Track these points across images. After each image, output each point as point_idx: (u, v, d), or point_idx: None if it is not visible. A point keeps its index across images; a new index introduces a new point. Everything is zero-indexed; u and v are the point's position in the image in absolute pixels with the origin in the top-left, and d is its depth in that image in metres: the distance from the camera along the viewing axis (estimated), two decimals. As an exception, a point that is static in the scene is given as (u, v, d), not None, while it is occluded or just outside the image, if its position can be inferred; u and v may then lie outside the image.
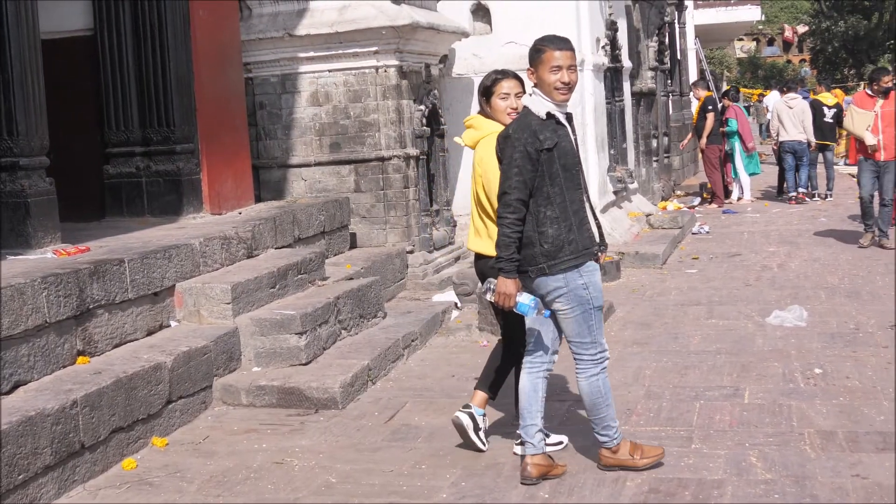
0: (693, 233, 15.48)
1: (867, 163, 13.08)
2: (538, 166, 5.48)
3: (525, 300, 5.53)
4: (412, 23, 10.81)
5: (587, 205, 5.77)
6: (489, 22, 13.19)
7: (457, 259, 12.13)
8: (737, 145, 19.29)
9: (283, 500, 5.68)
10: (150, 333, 7.56)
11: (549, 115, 5.55)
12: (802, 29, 76.12)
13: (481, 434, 6.26)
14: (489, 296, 5.66)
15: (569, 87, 5.60)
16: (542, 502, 5.45)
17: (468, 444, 6.26)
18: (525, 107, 5.68)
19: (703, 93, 19.63)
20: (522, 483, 5.70)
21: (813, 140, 18.73)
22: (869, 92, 13.56)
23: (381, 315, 9.27)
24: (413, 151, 11.25)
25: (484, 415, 6.35)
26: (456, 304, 10.20)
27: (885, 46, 65.20)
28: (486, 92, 6.25)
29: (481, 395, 6.43)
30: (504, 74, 6.26)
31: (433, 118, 11.91)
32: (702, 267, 12.55)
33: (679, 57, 25.23)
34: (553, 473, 5.74)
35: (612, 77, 15.12)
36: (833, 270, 11.82)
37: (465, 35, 12.62)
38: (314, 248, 9.68)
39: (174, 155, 9.74)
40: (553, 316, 5.74)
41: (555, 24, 12.73)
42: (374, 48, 10.96)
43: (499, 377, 6.49)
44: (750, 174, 19.82)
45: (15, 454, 5.45)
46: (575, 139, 5.72)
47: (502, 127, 6.01)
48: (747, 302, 10.30)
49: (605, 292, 6.39)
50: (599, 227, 5.94)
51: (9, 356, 6.12)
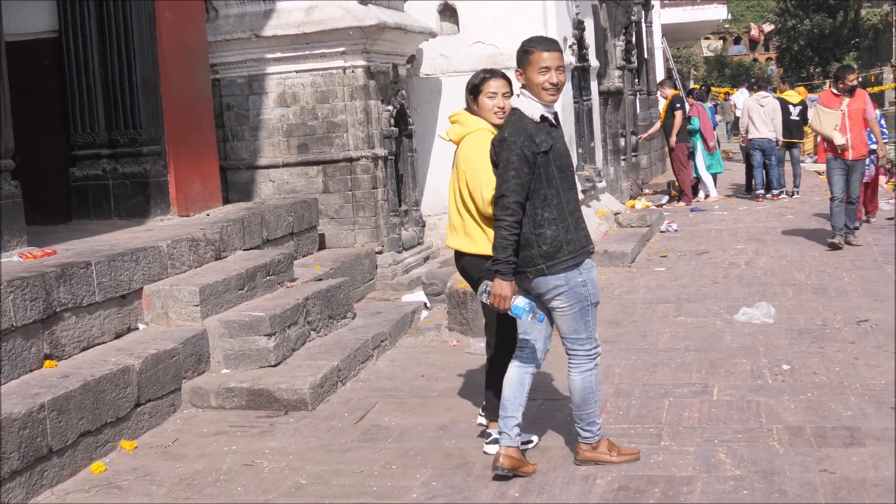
0: (661, 231, 15.53)
1: (836, 162, 12.92)
2: (535, 169, 5.52)
3: (520, 303, 5.55)
4: (379, 23, 10.80)
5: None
6: (456, 22, 13.18)
7: (426, 259, 12.13)
8: (699, 144, 19.36)
9: (254, 502, 5.67)
10: (118, 336, 7.52)
11: (543, 118, 5.61)
12: (768, 27, 76.52)
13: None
14: (485, 298, 5.66)
15: (557, 88, 5.66)
16: (513, 501, 5.46)
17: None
18: (516, 109, 5.72)
19: (671, 91, 19.69)
20: (494, 472, 5.72)
21: (781, 138, 18.83)
22: (834, 91, 13.41)
23: (351, 316, 9.26)
24: (381, 152, 11.24)
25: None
26: (425, 304, 10.21)
27: (851, 44, 65.78)
28: (474, 90, 6.23)
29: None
30: (492, 74, 6.25)
31: (401, 118, 11.90)
32: (670, 265, 12.59)
33: (646, 56, 25.30)
34: (523, 470, 5.75)
35: (580, 76, 15.16)
36: (800, 267, 11.88)
37: (433, 35, 12.61)
38: (283, 250, 9.66)
39: (141, 157, 9.69)
40: (548, 316, 5.79)
41: (522, 24, 12.79)
42: (342, 49, 10.95)
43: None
44: (713, 173, 19.90)
45: (-18, 459, 5.42)
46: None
47: (487, 124, 6.09)
48: (715, 299, 10.34)
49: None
50: None
51: (-25, 360, 6.08)
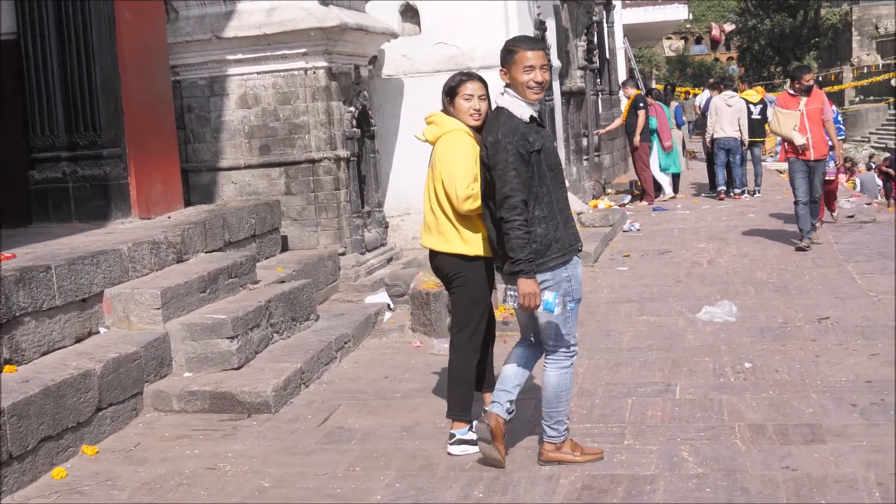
0: (624, 230, 15.59)
1: (798, 163, 12.80)
2: (530, 167, 5.57)
3: (549, 297, 5.58)
4: (340, 24, 10.77)
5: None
6: (418, 23, 13.18)
7: (389, 260, 12.12)
8: (655, 144, 19.44)
9: (216, 506, 5.65)
10: (79, 340, 7.47)
11: (532, 119, 5.68)
12: (729, 27, 77.07)
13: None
14: (511, 302, 5.65)
15: (542, 87, 5.72)
16: (477, 501, 5.46)
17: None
18: (503, 108, 5.75)
19: (633, 91, 19.76)
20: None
21: (746, 138, 18.93)
22: (791, 91, 13.29)
23: (314, 318, 9.24)
24: (343, 153, 11.22)
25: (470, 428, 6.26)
26: (389, 306, 10.20)
27: (811, 44, 66.31)
28: (451, 92, 6.32)
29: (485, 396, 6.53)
30: (469, 76, 6.34)
31: (363, 119, 11.88)
32: (633, 264, 12.64)
33: (608, 56, 25.41)
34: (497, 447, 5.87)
35: (542, 77, 15.17)
36: (762, 266, 11.95)
37: (394, 36, 12.60)
38: (245, 252, 9.62)
39: (101, 159, 9.63)
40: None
41: (484, 25, 12.82)
42: (303, 50, 10.91)
43: (479, 373, 6.51)
44: (672, 173, 19.97)
45: (-60, 466, 5.36)
46: None
47: (463, 125, 6.19)
48: (678, 298, 10.39)
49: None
50: None
51: (-67, 366, 6.03)
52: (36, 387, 6.25)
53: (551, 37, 15.80)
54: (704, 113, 21.43)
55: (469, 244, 6.18)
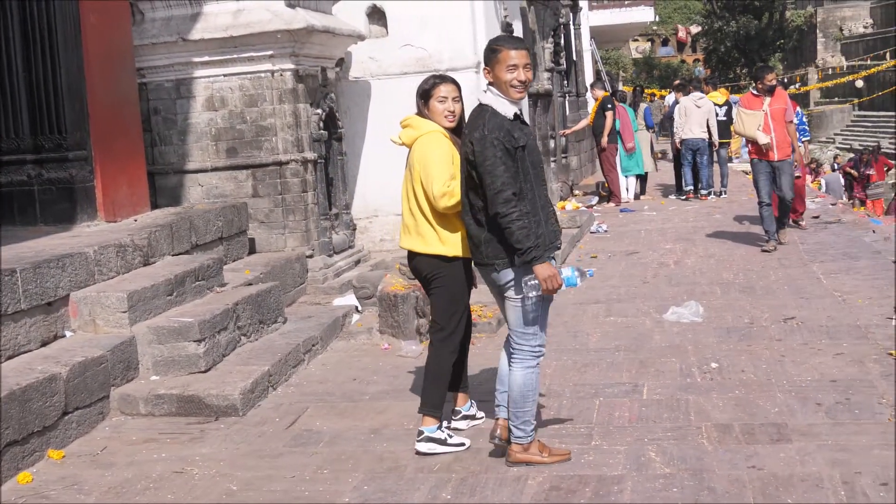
0: (591, 232, 15.63)
1: (761, 164, 12.83)
2: (515, 163, 5.63)
3: (568, 273, 5.70)
4: (307, 26, 10.76)
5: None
6: (385, 25, 13.17)
7: (357, 263, 12.11)
8: (618, 146, 19.50)
9: (184, 510, 5.63)
10: (45, 344, 7.43)
11: (516, 116, 5.75)
12: (695, 29, 77.36)
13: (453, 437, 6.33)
14: (535, 292, 5.66)
15: (525, 85, 5.80)
16: (445, 503, 5.47)
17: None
18: (487, 106, 5.79)
19: (601, 93, 19.81)
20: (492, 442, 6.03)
21: (717, 139, 19.02)
22: (754, 91, 13.31)
23: (282, 320, 9.22)
24: (311, 155, 11.20)
25: (439, 426, 6.29)
26: (357, 308, 10.19)
27: (776, 45, 66.70)
28: (425, 95, 6.41)
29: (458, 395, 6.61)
30: (443, 79, 6.45)
31: (330, 122, 11.87)
32: (600, 265, 12.66)
33: (575, 58, 25.47)
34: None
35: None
36: (728, 266, 12.01)
37: (361, 38, 12.59)
38: (212, 255, 9.59)
39: (66, 162, 9.57)
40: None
41: (451, 27, 12.83)
42: (270, 52, 10.89)
43: (455, 373, 6.55)
44: (635, 174, 20.05)
45: None
46: None
47: (439, 126, 6.30)
48: (645, 299, 10.43)
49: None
50: None
51: None
52: (1, 391, 6.20)
53: (518, 39, 15.80)
54: (670, 115, 21.50)
55: (447, 245, 6.24)
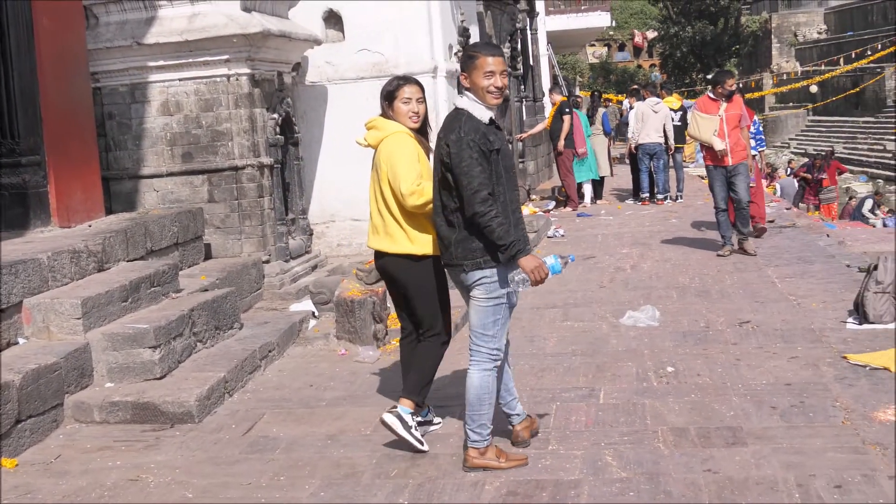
0: (548, 236, 15.66)
1: (716, 171, 12.75)
2: (490, 165, 5.68)
3: (551, 262, 5.80)
4: (263, 31, 10.72)
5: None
6: (342, 29, 13.15)
7: (314, 268, 12.08)
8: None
9: (139, 518, 5.59)
10: (-2, 351, 7.36)
11: (491, 121, 5.81)
12: (652, 34, 77.87)
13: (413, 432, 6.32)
14: (522, 286, 5.74)
15: (501, 91, 5.87)
16: (402, 509, 5.46)
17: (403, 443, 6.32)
18: (463, 110, 5.85)
19: (559, 98, 19.86)
20: (516, 446, 6.21)
21: (673, 143, 19.12)
22: (712, 96, 13.12)
23: (238, 326, 9.18)
24: (267, 160, 11.16)
25: (412, 413, 6.38)
26: (313, 314, 10.16)
27: (731, 51, 67.24)
28: (389, 96, 6.53)
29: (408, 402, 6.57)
30: (406, 80, 6.59)
31: (287, 126, 11.84)
32: (557, 270, 12.65)
33: (532, 63, 25.54)
34: (535, 428, 6.36)
35: (466, 83, 15.20)
36: (684, 270, 12.07)
37: (318, 43, 12.57)
38: (167, 260, 9.52)
39: (19, 167, 9.46)
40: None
41: (407, 32, 12.84)
42: (226, 56, 10.84)
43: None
44: (593, 179, 20.14)
45: None
46: None
47: (404, 127, 6.43)
48: (601, 303, 10.46)
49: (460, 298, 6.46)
50: None
51: None
52: (-48, 399, 6.15)
53: (475, 44, 15.84)
54: (626, 120, 21.59)
55: (416, 244, 6.33)
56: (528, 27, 24.77)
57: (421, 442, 6.24)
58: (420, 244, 6.33)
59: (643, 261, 13.00)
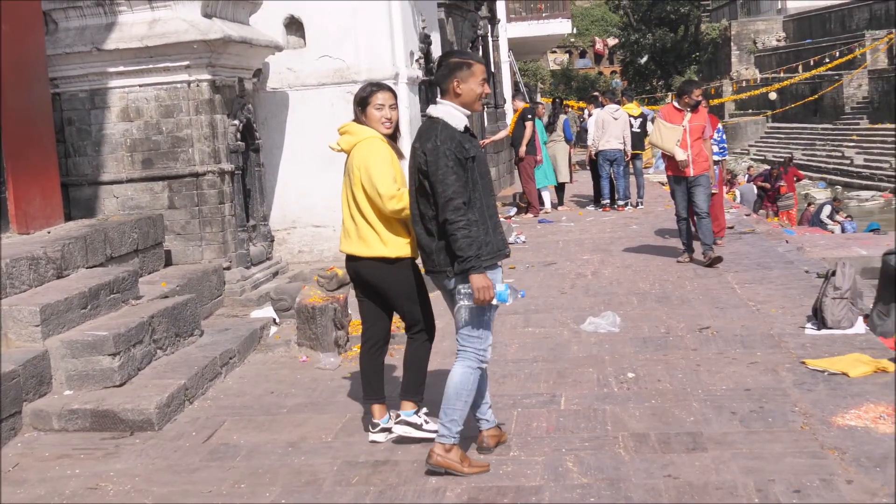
0: (510, 243, 15.67)
1: (677, 181, 12.66)
2: (465, 173, 5.78)
3: (502, 289, 5.83)
4: (224, 37, 10.69)
5: None
6: (303, 36, 13.12)
7: (275, 274, 12.04)
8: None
9: (98, 527, 5.55)
10: (-45, 359, 7.29)
11: (466, 128, 5.93)
12: (612, 41, 78.26)
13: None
14: (466, 300, 5.87)
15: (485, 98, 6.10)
16: (363, 516, 5.46)
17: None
18: (438, 118, 5.95)
19: (521, 104, 19.92)
20: (481, 452, 6.21)
21: (629, 150, 19.20)
22: (677, 105, 12.95)
23: (198, 333, 9.14)
24: (228, 167, 11.12)
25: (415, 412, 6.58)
26: (274, 320, 10.12)
27: (691, 58, 67.70)
28: (363, 102, 6.62)
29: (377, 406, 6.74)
30: (379, 87, 6.68)
31: (248, 133, 11.80)
32: (518, 276, 12.71)
33: (493, 69, 25.58)
34: (503, 440, 6.34)
35: (428, 90, 15.23)
36: (644, 277, 12.11)
37: (279, 49, 12.54)
38: (127, 267, 9.47)
39: (-23, 174, 9.41)
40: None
41: (369, 38, 12.83)
42: (186, 62, 10.80)
43: (376, 383, 6.79)
44: (552, 185, 20.21)
45: None
46: None
47: (376, 132, 6.51)
48: (563, 309, 10.48)
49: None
50: None
51: None
52: None
53: (436, 50, 15.85)
54: (586, 126, 21.67)
55: (389, 246, 6.41)
56: (490, 34, 24.83)
57: (436, 430, 6.25)
58: (393, 246, 6.41)
59: (604, 267, 13.04)
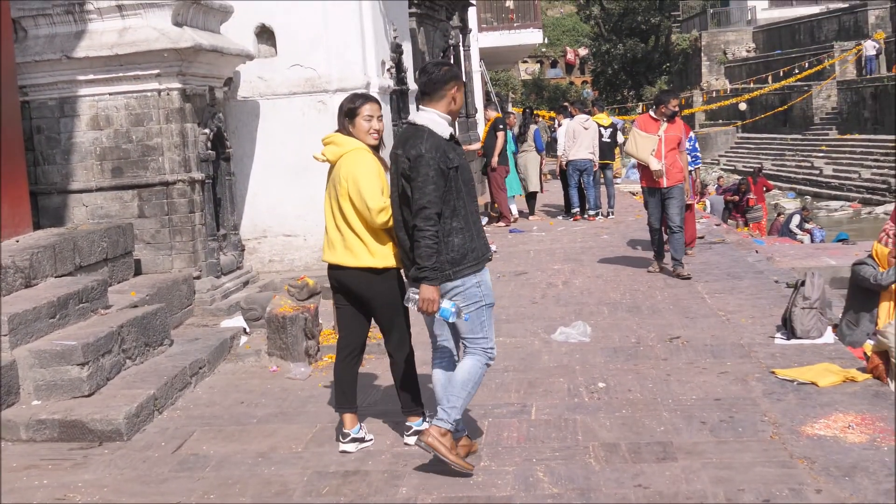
0: (482, 252, 15.64)
1: (651, 192, 12.63)
2: (448, 182, 5.88)
3: (447, 306, 5.90)
4: (195, 45, 10.65)
5: None
6: (274, 45, 13.08)
7: (245, 284, 11.99)
8: (509, 167, 19.67)
9: (65, 538, 5.51)
10: (-79, 369, 7.23)
11: (451, 136, 6.04)
12: (584, 51, 78.56)
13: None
14: (412, 304, 5.98)
15: None
16: (333, 527, 5.44)
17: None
18: (423, 126, 6.06)
19: (493, 114, 19.95)
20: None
21: (597, 160, 19.24)
22: (653, 115, 12.85)
23: (168, 343, 9.09)
24: (198, 175, 11.07)
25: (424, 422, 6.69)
26: (245, 330, 10.08)
27: (662, 68, 68.05)
28: (351, 113, 6.62)
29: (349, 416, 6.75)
30: (367, 98, 6.72)
31: (218, 142, 11.75)
32: (490, 286, 12.68)
33: (465, 79, 25.58)
34: (473, 450, 6.36)
35: (399, 99, 15.24)
36: (615, 286, 12.14)
37: (250, 58, 12.50)
38: (96, 276, 9.41)
39: (-55, 182, 9.34)
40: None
41: (340, 48, 12.81)
42: (157, 71, 10.75)
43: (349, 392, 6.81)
44: (520, 195, 20.31)
45: None
46: None
47: (362, 143, 6.53)
48: (534, 319, 10.49)
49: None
50: None
51: None
52: None
53: (408, 60, 15.87)
54: (556, 136, 21.73)
55: (377, 257, 6.44)
56: (461, 44, 24.83)
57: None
58: (381, 257, 6.44)
59: (575, 277, 13.06)
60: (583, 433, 6.72)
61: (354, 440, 6.63)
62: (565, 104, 23.88)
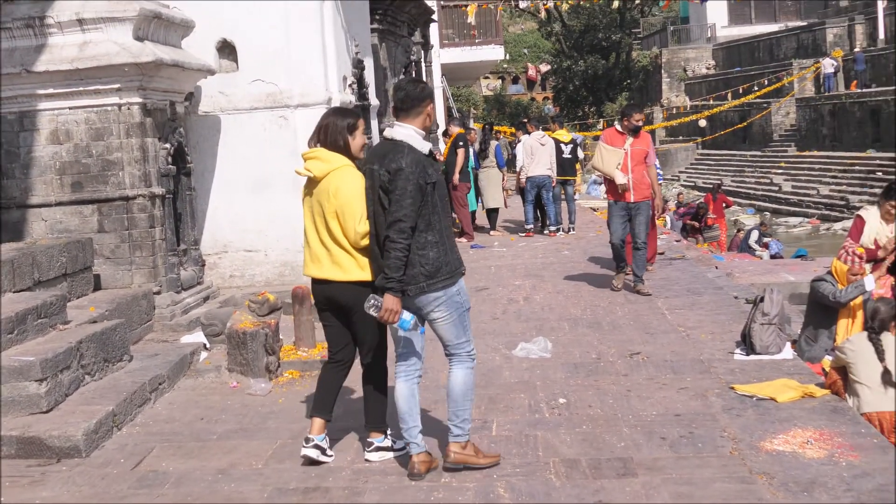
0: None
1: (616, 206, 12.51)
2: (425, 197, 6.05)
3: (406, 317, 6.10)
4: (156, 59, 10.61)
5: None
6: (235, 59, 13.04)
7: (206, 299, 11.94)
8: (470, 184, 19.75)
9: (23, 556, 5.46)
10: None
11: (430, 153, 6.24)
12: (545, 68, 78.80)
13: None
14: (373, 311, 6.10)
15: None
16: (294, 544, 5.42)
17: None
18: (403, 142, 6.24)
19: (456, 130, 19.96)
20: (412, 479, 6.20)
21: (555, 176, 19.29)
22: (619, 128, 12.86)
23: (127, 358, 9.04)
24: (158, 190, 11.02)
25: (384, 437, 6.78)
26: (205, 346, 10.04)
27: (623, 85, 68.42)
28: (351, 128, 6.68)
29: (319, 422, 6.75)
30: (357, 114, 6.88)
31: (179, 156, 11.71)
32: (451, 301, 12.68)
33: (427, 95, 25.59)
34: (434, 466, 6.39)
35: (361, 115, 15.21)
36: (576, 302, 12.17)
37: (212, 72, 12.47)
38: (55, 291, 9.35)
39: None
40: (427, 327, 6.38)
41: (302, 63, 12.79)
42: (117, 85, 10.70)
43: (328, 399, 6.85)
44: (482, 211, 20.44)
45: None
46: None
47: (347, 160, 6.58)
48: (495, 335, 10.50)
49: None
50: None
51: None
52: None
53: (370, 75, 15.87)
54: (515, 152, 21.77)
55: (366, 270, 6.50)
56: (423, 59, 24.90)
57: (405, 447, 6.49)
58: (370, 270, 6.48)
59: (536, 292, 13.09)
60: (543, 449, 6.73)
61: (317, 447, 6.62)
62: (524, 120, 23.91)
